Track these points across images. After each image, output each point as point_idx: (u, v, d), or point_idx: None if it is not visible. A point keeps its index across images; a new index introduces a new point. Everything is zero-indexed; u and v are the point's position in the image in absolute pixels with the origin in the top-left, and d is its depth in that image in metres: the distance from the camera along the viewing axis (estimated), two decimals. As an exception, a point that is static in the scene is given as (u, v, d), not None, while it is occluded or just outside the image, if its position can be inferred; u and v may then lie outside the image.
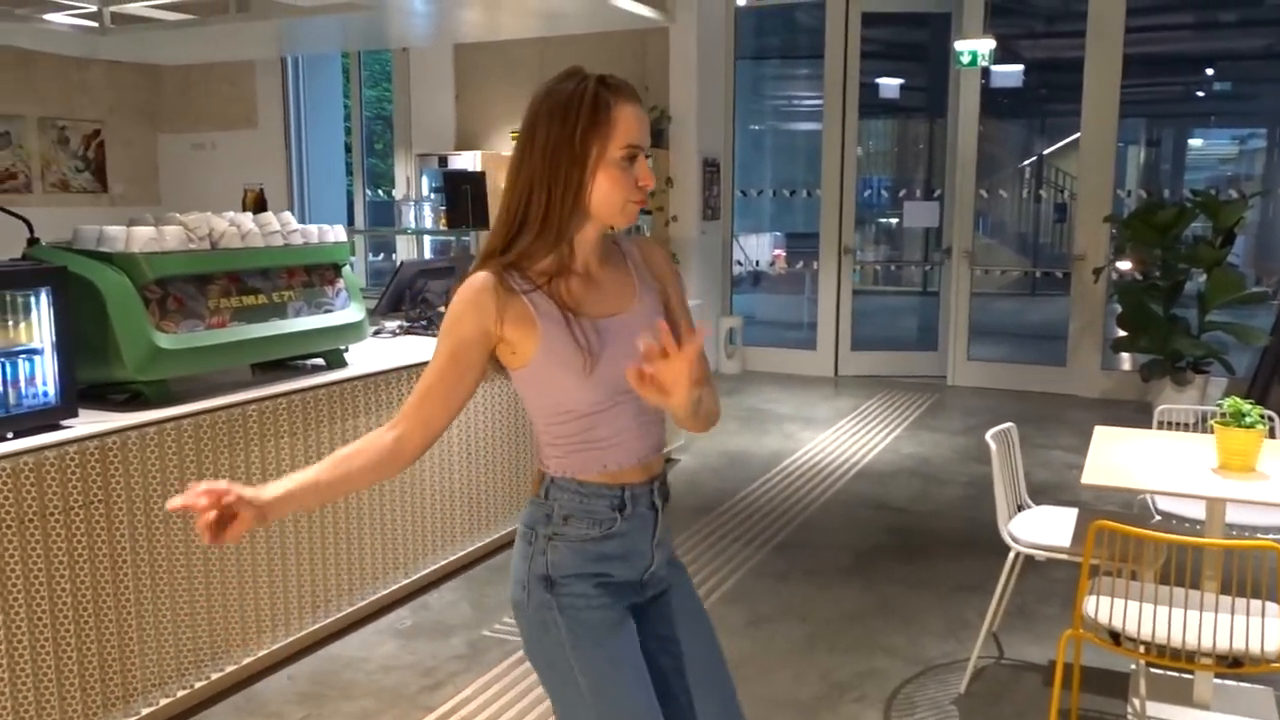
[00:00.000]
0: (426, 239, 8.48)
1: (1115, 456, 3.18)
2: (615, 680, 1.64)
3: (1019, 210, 14.89)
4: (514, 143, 1.72)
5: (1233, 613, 2.49)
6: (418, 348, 4.12)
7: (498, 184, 8.36)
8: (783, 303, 12.02)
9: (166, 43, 8.33)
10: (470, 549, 4.25)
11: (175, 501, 1.59)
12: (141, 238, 2.96)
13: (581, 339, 1.60)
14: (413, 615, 3.82)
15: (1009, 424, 3.48)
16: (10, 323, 2.67)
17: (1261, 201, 10.84)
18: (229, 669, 3.19)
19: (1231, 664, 2.47)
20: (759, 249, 12.24)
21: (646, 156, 1.66)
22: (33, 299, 2.67)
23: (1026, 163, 15.14)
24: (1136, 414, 6.36)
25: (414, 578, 3.95)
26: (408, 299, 4.49)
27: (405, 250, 9.12)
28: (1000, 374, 8.42)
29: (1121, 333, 7.37)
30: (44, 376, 2.70)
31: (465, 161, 8.77)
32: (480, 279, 1.62)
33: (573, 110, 1.58)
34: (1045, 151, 14.73)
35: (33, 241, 3.19)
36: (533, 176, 1.60)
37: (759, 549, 4.59)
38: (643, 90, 8.57)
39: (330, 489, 1.69)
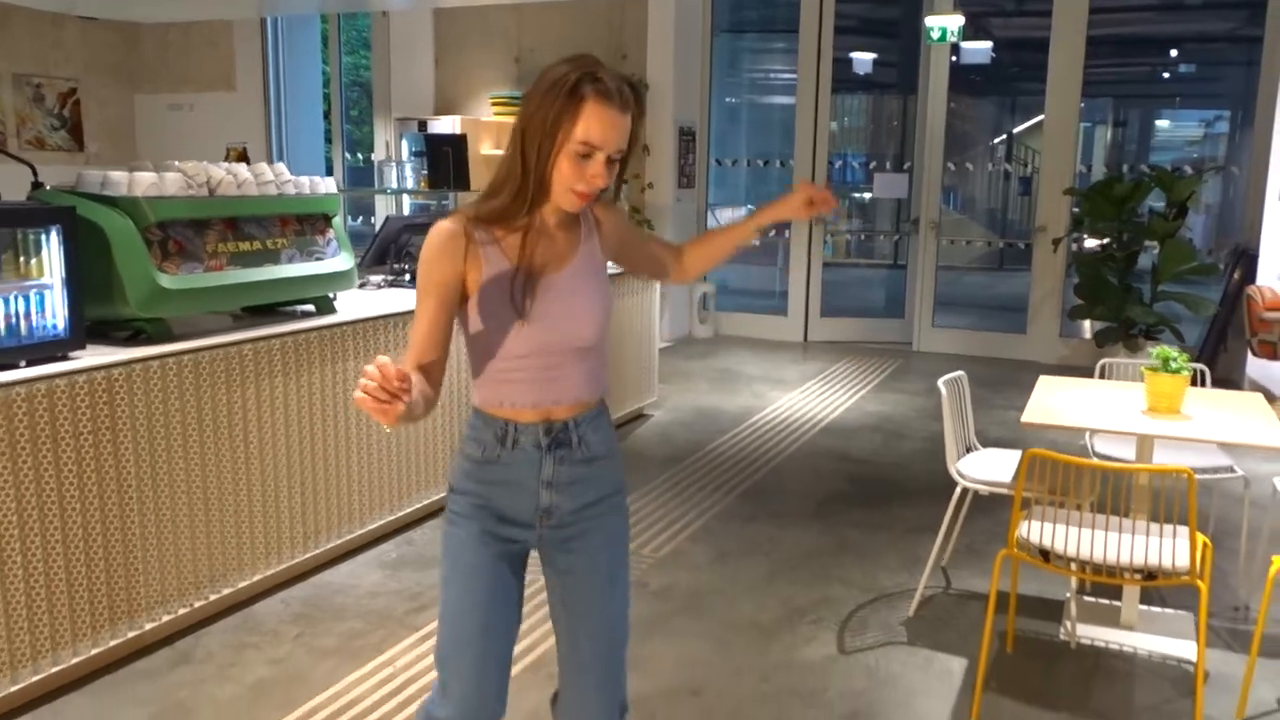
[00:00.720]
0: (406, 200, 8.63)
1: (1055, 401, 3.43)
2: (451, 583, 1.88)
3: (988, 186, 15.16)
4: (493, 108, 1.90)
5: (1148, 534, 2.75)
6: (403, 298, 4.31)
7: (477, 148, 8.53)
8: (755, 272, 12.24)
9: None
10: (451, 491, 4.46)
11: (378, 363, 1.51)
12: (144, 183, 3.13)
13: (517, 295, 1.77)
14: (397, 549, 4.04)
15: (960, 372, 3.72)
16: (22, 259, 2.84)
17: (1223, 181, 11.14)
18: (226, 591, 3.39)
19: (1147, 577, 2.72)
20: (735, 219, 12.44)
21: (614, 162, 1.75)
22: (43, 237, 2.84)
23: (997, 140, 15.41)
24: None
25: (398, 514, 4.16)
26: (392, 253, 4.67)
27: (384, 213, 9.26)
28: (963, 340, 8.71)
29: (1079, 301, 7.66)
30: (54, 310, 2.88)
31: (445, 126, 8.91)
32: (448, 226, 1.79)
33: (552, 94, 1.71)
34: (1015, 130, 15.00)
35: (37, 185, 3.34)
36: (518, 144, 1.76)
37: (726, 495, 4.83)
38: (619, 58, 8.80)
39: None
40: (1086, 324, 8.50)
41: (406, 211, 8.98)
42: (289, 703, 2.89)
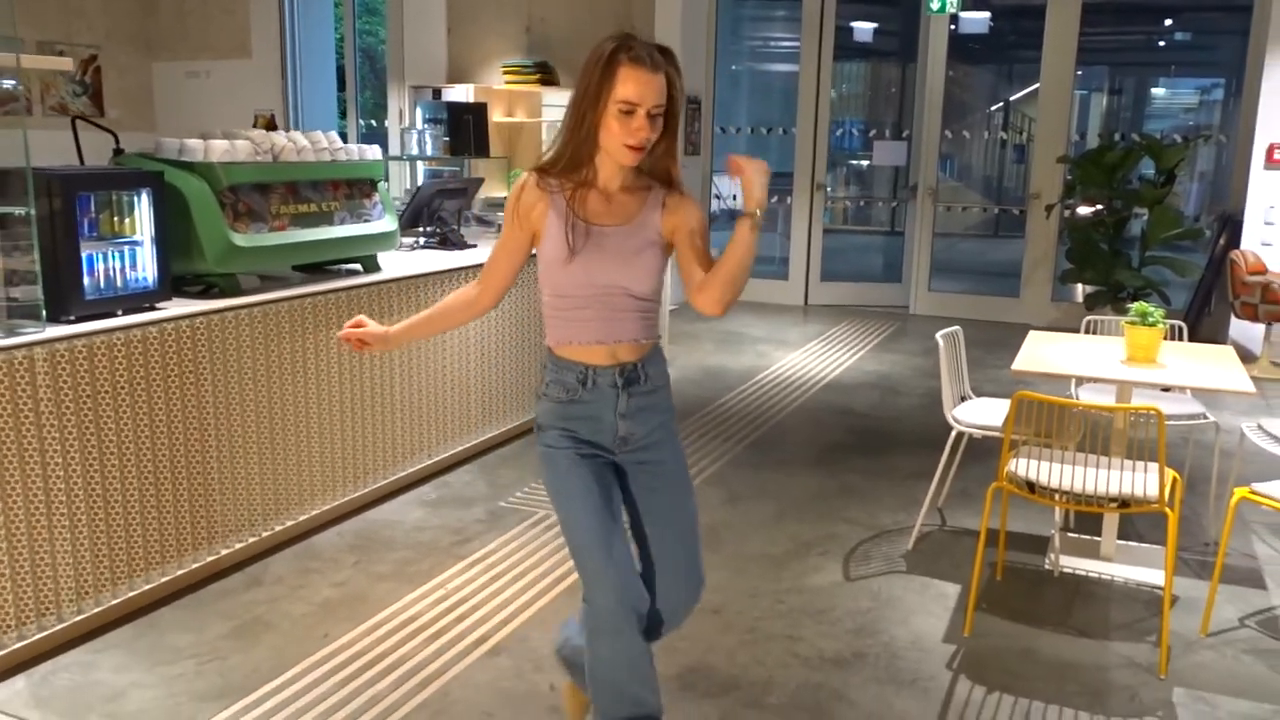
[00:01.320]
0: (419, 166, 8.88)
1: (1043, 352, 3.77)
2: (566, 500, 2.20)
3: (985, 153, 15.42)
4: (504, 76, 2.23)
5: (1122, 469, 3.10)
6: (437, 259, 4.62)
7: (490, 116, 8.76)
8: (758, 238, 12.53)
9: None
10: (484, 437, 4.80)
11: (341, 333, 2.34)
12: (218, 149, 3.43)
13: (569, 237, 2.11)
14: (435, 491, 4.38)
15: (956, 327, 4.05)
16: (116, 218, 3.14)
17: (1216, 149, 11.42)
18: (289, 523, 3.74)
19: (1121, 505, 3.07)
20: (735, 186, 12.72)
21: (654, 116, 2.04)
22: (135, 198, 3.15)
23: (994, 108, 15.64)
24: (1078, 338, 7.01)
25: (436, 459, 4.50)
26: (425, 216, 4.97)
27: (399, 178, 9.52)
28: (958, 304, 9.04)
29: (1070, 265, 7.98)
30: (144, 264, 3.19)
31: (459, 94, 9.15)
32: (524, 178, 2.20)
33: (592, 65, 2.05)
34: (1012, 98, 15.24)
35: (118, 151, 3.64)
36: (571, 110, 2.12)
37: (735, 445, 5.17)
38: (628, 28, 9.03)
39: (433, 323, 2.36)
40: (1078, 287, 8.83)
41: (420, 177, 9.24)
42: (355, 617, 3.24)
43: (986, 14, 10.00)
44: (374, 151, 4.09)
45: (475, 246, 5.08)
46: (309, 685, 2.85)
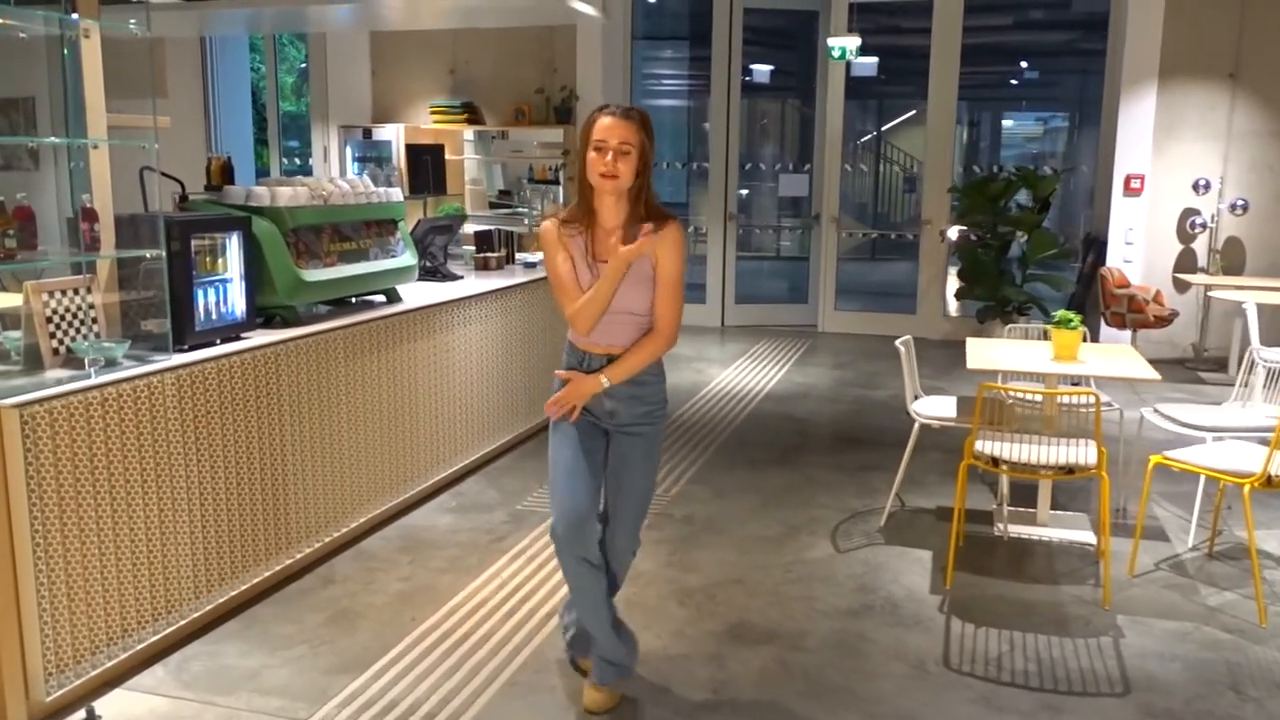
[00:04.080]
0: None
1: (986, 352, 4.51)
2: (554, 445, 2.90)
3: (857, 182, 16.58)
4: (432, 116, 2.86)
5: (1067, 445, 3.83)
6: (438, 291, 5.08)
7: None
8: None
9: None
10: (486, 449, 5.27)
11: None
12: (285, 195, 3.85)
13: (584, 269, 2.80)
14: (454, 499, 4.82)
15: (908, 336, 4.75)
16: (209, 258, 3.53)
17: (1064, 178, 12.74)
18: (344, 529, 4.14)
19: (1068, 472, 3.80)
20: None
21: (625, 153, 2.68)
22: (227, 240, 3.55)
23: (863, 139, 16.84)
24: (977, 347, 7.91)
25: (448, 472, 4.95)
26: (419, 251, 5.40)
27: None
28: (862, 321, 9.90)
29: (961, 284, 8.93)
30: (233, 300, 3.58)
31: (389, 134, 9.56)
32: (547, 225, 2.87)
33: (583, 126, 2.76)
34: (884, 128, 16.47)
35: (184, 198, 3.99)
36: (576, 163, 2.81)
37: (705, 450, 5.77)
38: (550, 71, 9.65)
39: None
40: (953, 303, 9.80)
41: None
42: (433, 603, 3.68)
43: (875, 59, 10.98)
44: (397, 194, 4.54)
45: (462, 278, 5.55)
46: (419, 658, 3.29)
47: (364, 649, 3.34)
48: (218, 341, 3.48)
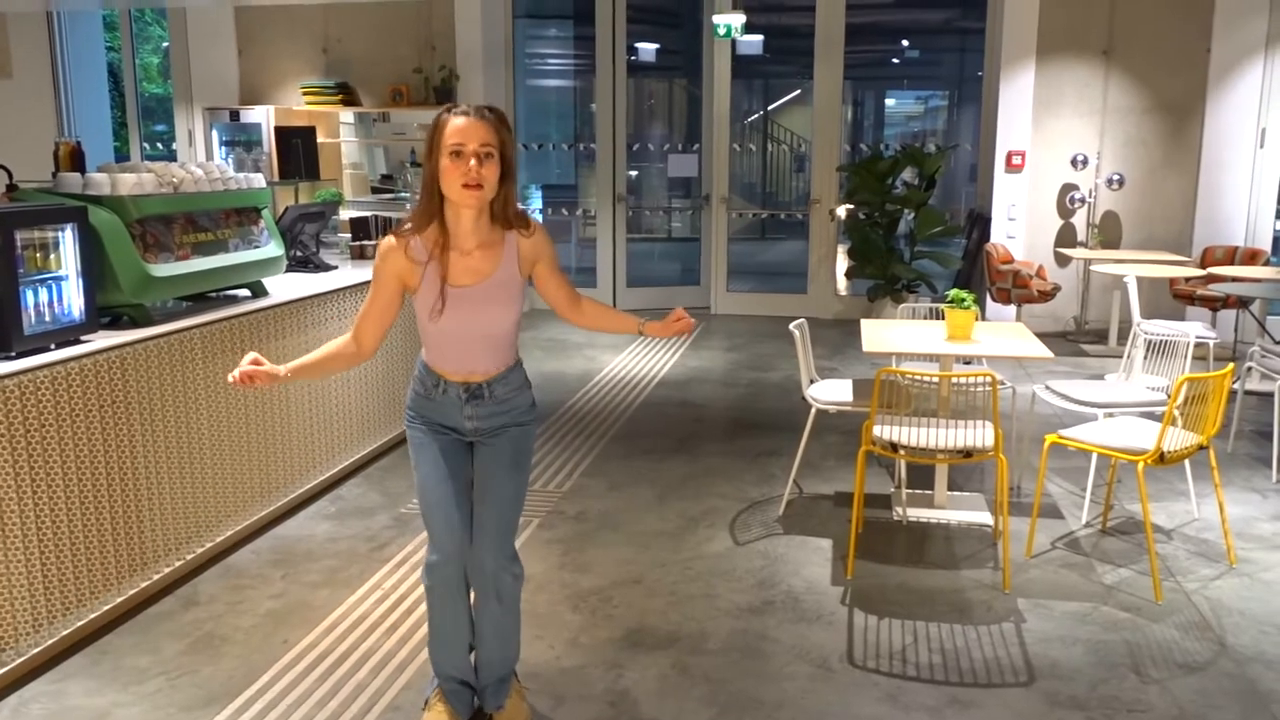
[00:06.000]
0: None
1: (881, 335, 4.42)
2: (420, 466, 2.67)
3: (746, 162, 16.58)
4: (304, 97, 2.58)
5: (965, 427, 3.76)
6: (311, 282, 4.76)
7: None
8: (562, 250, 12.95)
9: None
10: (366, 450, 4.97)
11: (235, 373, 2.47)
12: (127, 183, 3.49)
13: (435, 302, 2.49)
14: (333, 504, 4.53)
15: (802, 320, 4.64)
16: (40, 254, 3.17)
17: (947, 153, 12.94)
18: (208, 545, 3.81)
19: (966, 455, 3.73)
20: (525, 202, 13.09)
21: (488, 155, 2.39)
22: (60, 234, 3.19)
23: (751, 119, 16.85)
24: (869, 326, 7.91)
25: (327, 474, 4.64)
26: (288, 241, 5.05)
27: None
28: (754, 302, 9.84)
29: (851, 262, 8.93)
30: (69, 299, 3.23)
31: (258, 116, 9.04)
32: (387, 243, 2.53)
33: (430, 129, 2.44)
34: (770, 108, 16.49)
35: (12, 187, 3.59)
36: (422, 174, 2.52)
37: (599, 440, 5.58)
38: (429, 50, 9.27)
39: (322, 367, 2.64)
40: (844, 281, 9.83)
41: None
42: (306, 623, 3.41)
43: (760, 37, 10.90)
44: (259, 180, 4.20)
45: (336, 268, 5.23)
46: (291, 683, 3.02)
47: (229, 678, 3.05)
48: (52, 346, 3.13)
